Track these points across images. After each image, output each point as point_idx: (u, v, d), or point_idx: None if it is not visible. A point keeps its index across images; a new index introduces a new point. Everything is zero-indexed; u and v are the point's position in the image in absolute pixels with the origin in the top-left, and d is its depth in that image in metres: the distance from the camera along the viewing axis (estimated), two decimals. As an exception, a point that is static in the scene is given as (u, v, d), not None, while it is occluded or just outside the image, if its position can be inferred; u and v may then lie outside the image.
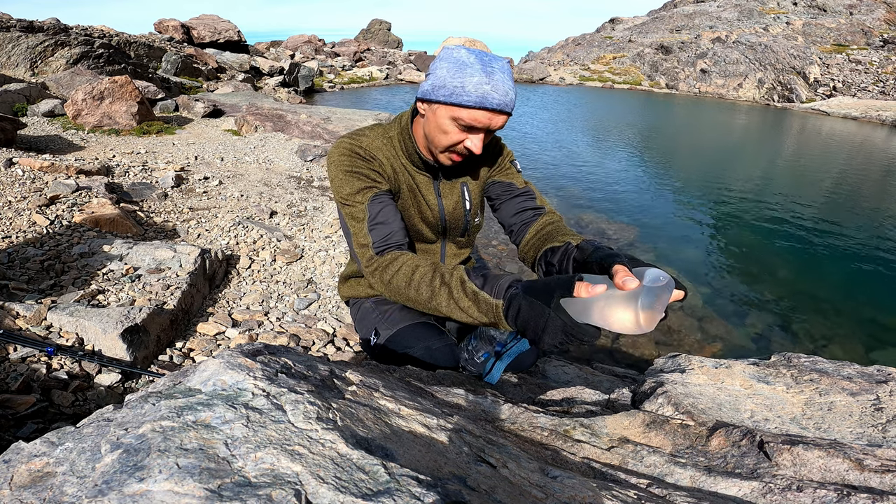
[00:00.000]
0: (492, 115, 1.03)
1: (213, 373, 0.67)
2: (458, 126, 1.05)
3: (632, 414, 1.00)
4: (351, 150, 1.15)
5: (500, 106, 1.02)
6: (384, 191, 1.15)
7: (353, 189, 1.12)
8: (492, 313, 0.89)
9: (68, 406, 1.47)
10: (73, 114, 5.49)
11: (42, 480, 0.50)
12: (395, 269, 1.03)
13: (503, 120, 1.06)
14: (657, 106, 18.68)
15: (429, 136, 1.12)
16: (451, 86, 1.02)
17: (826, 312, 3.32)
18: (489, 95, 1.00)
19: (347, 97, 15.03)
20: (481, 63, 1.01)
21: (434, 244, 1.37)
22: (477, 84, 1.00)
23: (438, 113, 1.06)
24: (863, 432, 0.96)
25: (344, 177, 1.13)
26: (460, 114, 1.03)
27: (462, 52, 1.04)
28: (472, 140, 1.07)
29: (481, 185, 1.36)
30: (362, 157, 1.15)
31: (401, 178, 1.23)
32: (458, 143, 1.08)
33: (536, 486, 0.67)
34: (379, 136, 1.21)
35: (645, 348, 2.73)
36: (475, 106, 1.01)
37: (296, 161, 5.25)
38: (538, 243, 1.17)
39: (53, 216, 2.71)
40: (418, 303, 1.00)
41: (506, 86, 1.02)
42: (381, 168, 1.17)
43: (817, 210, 5.90)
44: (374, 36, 33.32)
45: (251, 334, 2.13)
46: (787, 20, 26.64)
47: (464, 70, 1.01)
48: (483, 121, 1.03)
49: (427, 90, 1.07)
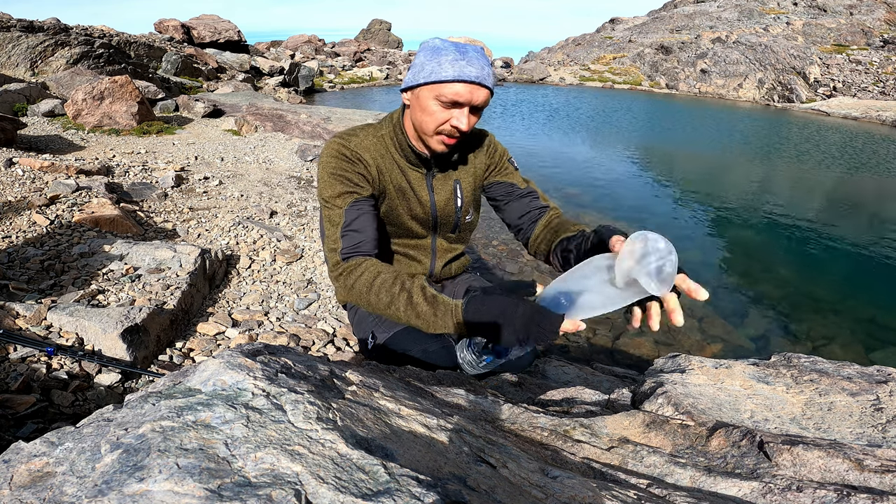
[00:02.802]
0: (471, 87, 1.07)
1: (213, 373, 0.67)
2: (442, 104, 1.09)
3: (632, 414, 1.00)
4: (338, 151, 1.18)
5: (478, 78, 1.06)
6: (364, 197, 1.18)
7: (334, 192, 1.16)
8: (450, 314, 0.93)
9: (68, 406, 1.47)
10: (74, 114, 5.49)
11: (42, 480, 0.50)
12: (358, 275, 1.07)
13: (484, 94, 1.09)
14: (657, 106, 18.68)
15: (416, 123, 1.16)
16: (429, 68, 1.08)
17: (826, 312, 3.32)
18: (465, 69, 1.06)
19: (347, 97, 15.03)
20: (455, 46, 1.09)
21: (424, 239, 1.38)
22: (452, 61, 1.06)
23: (421, 96, 1.11)
24: (863, 432, 0.96)
25: (328, 179, 1.17)
26: (441, 90, 1.07)
27: (436, 41, 1.11)
28: (458, 116, 1.10)
29: (476, 183, 1.36)
30: (348, 160, 1.18)
31: (388, 178, 1.24)
32: (445, 121, 1.11)
33: (536, 486, 0.67)
34: (370, 135, 1.23)
35: (645, 348, 2.73)
36: (454, 79, 1.06)
37: (296, 161, 5.25)
38: (550, 236, 1.20)
39: (53, 216, 2.71)
40: (378, 308, 1.03)
41: (481, 62, 1.08)
42: (367, 170, 1.19)
43: (817, 210, 5.90)
44: (375, 36, 33.33)
45: (251, 334, 2.13)
46: (788, 20, 26.63)
47: (439, 53, 1.08)
48: (464, 94, 1.07)
49: (409, 79, 1.14)
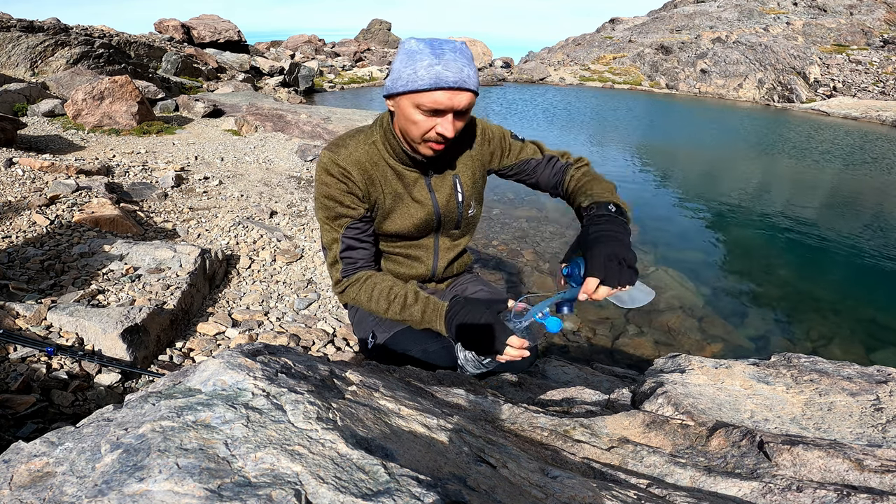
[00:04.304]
0: (451, 93, 1.03)
1: (213, 373, 0.67)
2: (423, 112, 1.06)
3: (632, 414, 1.00)
4: (327, 170, 1.18)
5: (457, 83, 1.02)
6: (357, 219, 1.22)
7: (327, 215, 1.21)
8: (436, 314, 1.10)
9: (68, 406, 1.47)
10: (74, 114, 5.49)
11: (42, 480, 0.50)
12: (358, 288, 1.21)
13: (466, 98, 1.05)
14: (657, 106, 18.69)
15: (402, 130, 1.14)
16: (406, 75, 1.04)
17: (826, 312, 3.32)
18: (442, 74, 1.01)
19: (347, 97, 15.02)
20: (430, 47, 1.03)
21: (427, 239, 1.37)
22: (428, 66, 1.01)
23: (402, 104, 1.08)
24: (863, 432, 0.96)
25: (321, 200, 1.20)
26: (420, 99, 1.04)
27: (412, 42, 1.07)
28: (442, 124, 1.07)
29: (475, 175, 1.33)
30: (336, 179, 1.17)
31: (381, 189, 1.23)
32: (429, 129, 1.08)
33: (536, 486, 0.67)
34: (362, 143, 1.21)
35: (645, 348, 2.73)
36: (431, 87, 1.02)
37: (296, 161, 5.25)
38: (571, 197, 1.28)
39: (53, 216, 2.71)
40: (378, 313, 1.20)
41: (459, 63, 1.03)
42: (356, 187, 1.19)
43: (817, 210, 5.90)
44: (375, 36, 33.33)
45: (251, 334, 2.13)
46: (788, 20, 26.62)
47: (414, 58, 1.03)
48: (443, 101, 1.04)
49: (388, 86, 1.10)
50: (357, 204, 1.20)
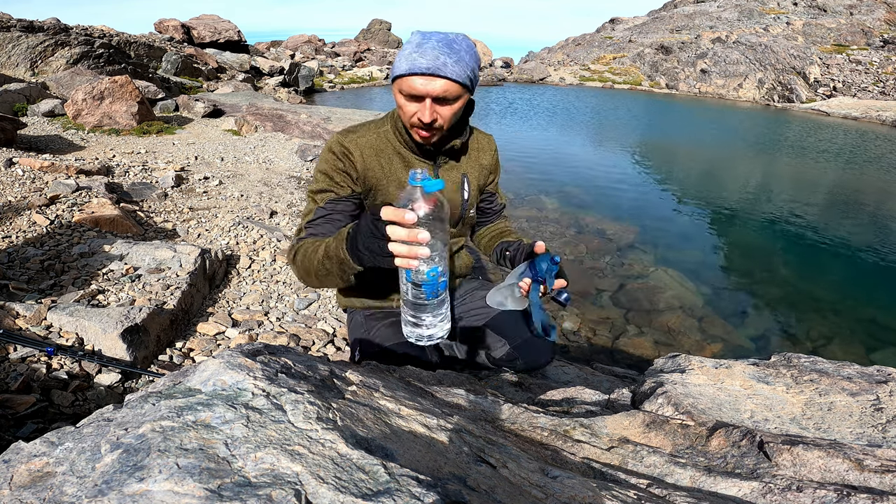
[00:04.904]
0: (424, 79, 1.08)
1: (213, 373, 0.67)
2: (406, 98, 1.13)
3: (632, 414, 1.00)
4: (330, 147, 1.23)
5: (430, 69, 1.07)
6: (341, 196, 1.23)
7: (317, 187, 1.23)
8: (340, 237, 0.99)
9: (68, 406, 1.47)
10: (74, 114, 5.49)
11: (42, 480, 0.50)
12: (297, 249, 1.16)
13: (441, 84, 1.08)
14: (657, 106, 18.68)
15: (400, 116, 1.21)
16: (396, 63, 1.12)
17: (826, 312, 3.32)
18: (417, 60, 1.07)
19: (347, 97, 15.03)
20: (421, 37, 1.10)
21: None
22: (408, 55, 1.09)
23: (394, 91, 1.16)
24: (863, 432, 0.96)
25: (315, 174, 1.25)
26: (401, 85, 1.11)
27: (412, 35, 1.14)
28: (420, 109, 1.12)
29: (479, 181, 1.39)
30: (336, 155, 1.22)
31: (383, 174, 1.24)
32: (413, 114, 1.14)
33: (536, 486, 0.67)
34: (371, 131, 1.26)
35: (645, 348, 2.73)
36: (406, 73, 1.08)
37: (296, 161, 5.25)
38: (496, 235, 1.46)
39: (53, 216, 2.71)
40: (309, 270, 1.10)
41: (436, 52, 1.08)
42: (352, 166, 1.22)
43: (817, 210, 5.90)
44: (374, 36, 33.33)
45: (251, 334, 2.13)
46: (787, 20, 26.62)
47: (404, 49, 1.11)
48: (417, 86, 1.09)
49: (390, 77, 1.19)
50: (347, 184, 1.23)
